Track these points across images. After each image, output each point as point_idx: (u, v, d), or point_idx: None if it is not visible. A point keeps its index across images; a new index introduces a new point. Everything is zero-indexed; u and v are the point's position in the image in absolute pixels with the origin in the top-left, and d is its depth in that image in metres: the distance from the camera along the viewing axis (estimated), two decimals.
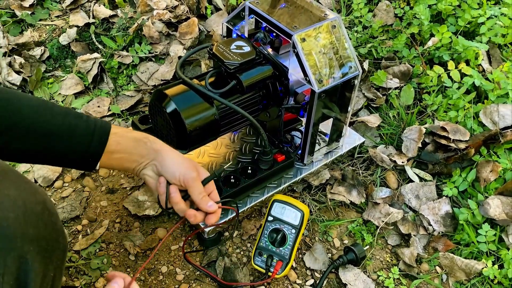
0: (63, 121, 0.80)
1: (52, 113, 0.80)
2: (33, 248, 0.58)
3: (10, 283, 0.55)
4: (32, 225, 0.59)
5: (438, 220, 1.17)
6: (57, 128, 0.79)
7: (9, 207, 0.57)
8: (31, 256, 0.57)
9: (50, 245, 0.62)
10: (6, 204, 0.57)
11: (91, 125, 0.83)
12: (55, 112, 0.81)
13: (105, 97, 1.46)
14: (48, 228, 0.62)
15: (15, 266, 0.56)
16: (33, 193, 0.62)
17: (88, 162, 0.84)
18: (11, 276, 0.55)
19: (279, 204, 1.06)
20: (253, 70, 1.07)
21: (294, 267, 1.09)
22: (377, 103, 1.44)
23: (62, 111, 0.82)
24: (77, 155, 0.82)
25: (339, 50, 1.08)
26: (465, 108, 1.35)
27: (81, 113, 0.85)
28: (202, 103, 1.03)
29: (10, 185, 0.60)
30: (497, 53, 1.51)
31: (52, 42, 1.59)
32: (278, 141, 1.23)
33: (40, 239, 0.60)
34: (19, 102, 0.78)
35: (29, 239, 0.58)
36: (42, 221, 0.61)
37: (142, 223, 1.15)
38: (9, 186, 0.59)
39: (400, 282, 1.08)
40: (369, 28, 1.62)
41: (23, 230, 0.58)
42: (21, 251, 0.57)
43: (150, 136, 0.92)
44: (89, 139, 0.82)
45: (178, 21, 1.61)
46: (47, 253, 0.61)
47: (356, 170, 1.27)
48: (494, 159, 1.22)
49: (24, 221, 0.58)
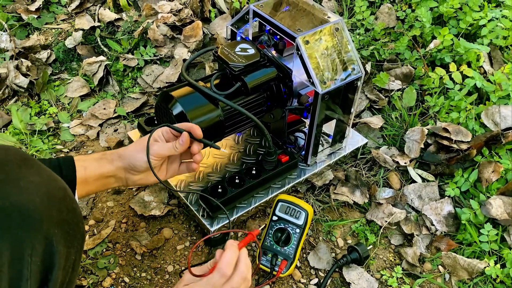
0: None
1: None
2: (57, 231, 0.61)
3: (37, 263, 0.58)
4: (56, 209, 0.62)
5: (441, 220, 1.18)
6: None
7: (34, 192, 0.60)
8: (56, 238, 0.60)
9: (72, 229, 0.65)
10: (31, 190, 0.60)
11: (55, 161, 0.87)
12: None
13: (111, 100, 1.48)
14: (70, 213, 0.65)
15: (42, 248, 0.59)
16: (54, 180, 0.66)
17: None
18: (39, 257, 0.58)
19: (283, 204, 1.08)
20: (257, 72, 1.09)
21: (299, 267, 1.10)
22: (380, 105, 1.45)
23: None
24: None
25: (342, 52, 1.10)
26: (466, 110, 1.37)
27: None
28: (208, 105, 1.04)
29: (33, 173, 0.63)
30: (498, 55, 1.52)
31: (58, 45, 1.62)
32: (282, 142, 1.25)
33: (63, 223, 0.63)
34: None
35: (54, 222, 0.61)
36: (65, 206, 0.64)
37: (148, 223, 1.17)
38: (33, 173, 0.62)
39: (403, 281, 1.09)
40: (371, 31, 1.64)
41: (48, 213, 0.60)
42: (47, 233, 0.59)
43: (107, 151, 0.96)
44: (58, 171, 0.85)
45: (182, 24, 1.63)
46: (69, 236, 0.64)
47: (359, 170, 1.29)
48: (495, 160, 1.23)
49: (48, 205, 0.61)
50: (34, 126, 1.39)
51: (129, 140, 1.30)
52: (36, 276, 0.58)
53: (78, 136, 1.40)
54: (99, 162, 0.92)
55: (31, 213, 0.58)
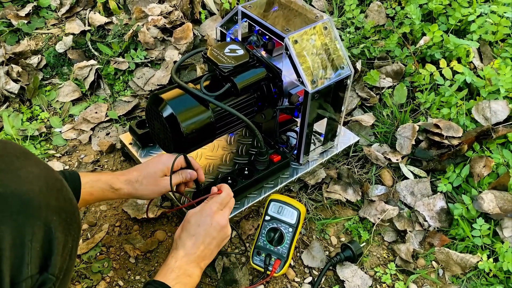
0: None
1: None
2: (55, 218, 0.64)
3: (37, 249, 0.61)
4: (54, 198, 0.65)
5: (433, 216, 1.19)
6: None
7: (33, 182, 0.63)
8: (54, 225, 0.63)
9: (69, 218, 0.67)
10: (31, 179, 0.63)
11: (60, 173, 0.91)
12: None
13: (102, 103, 1.48)
14: (67, 202, 0.68)
15: (41, 234, 0.61)
16: (52, 171, 0.69)
17: None
18: (38, 243, 0.61)
19: (276, 204, 1.08)
20: (247, 72, 1.09)
21: (292, 266, 1.10)
22: (371, 102, 1.46)
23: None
24: None
25: (331, 51, 1.10)
26: (457, 105, 1.37)
27: None
28: (198, 106, 1.04)
29: (32, 164, 0.66)
30: (488, 50, 1.53)
31: (48, 50, 1.61)
32: (273, 142, 1.25)
33: (61, 211, 0.65)
34: None
35: (52, 210, 0.64)
36: (62, 196, 0.67)
37: (141, 226, 1.17)
38: (31, 164, 0.66)
39: (397, 277, 1.10)
40: (361, 29, 1.64)
41: (47, 201, 0.63)
42: (46, 220, 0.62)
43: (117, 176, 0.99)
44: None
45: (172, 27, 1.63)
46: (66, 224, 0.66)
47: (352, 168, 1.29)
48: (487, 155, 1.24)
49: (47, 194, 0.64)
50: (26, 131, 1.39)
51: (121, 143, 1.30)
52: (36, 261, 0.61)
53: (70, 141, 1.39)
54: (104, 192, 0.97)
55: (30, 200, 0.61)
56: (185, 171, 1.03)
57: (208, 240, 0.89)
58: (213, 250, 0.90)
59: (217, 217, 0.90)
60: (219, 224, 0.90)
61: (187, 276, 0.85)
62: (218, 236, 0.90)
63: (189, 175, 1.03)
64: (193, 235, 0.88)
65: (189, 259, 0.87)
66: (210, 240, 0.89)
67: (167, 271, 0.84)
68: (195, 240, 0.88)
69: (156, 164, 1.00)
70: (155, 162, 1.01)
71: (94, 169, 1.30)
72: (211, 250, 0.90)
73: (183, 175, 1.02)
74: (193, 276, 0.86)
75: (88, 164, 1.32)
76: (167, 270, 0.84)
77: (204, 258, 0.89)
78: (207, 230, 0.89)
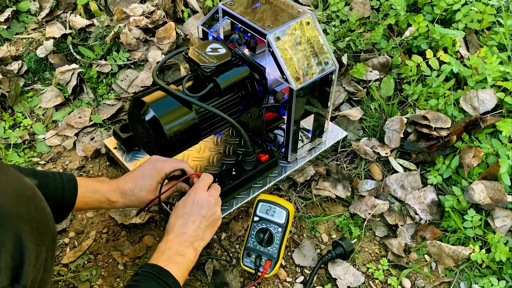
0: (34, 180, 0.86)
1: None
2: (26, 227, 0.61)
3: (7, 259, 0.58)
4: (24, 207, 0.63)
5: (424, 209, 1.18)
6: None
7: (2, 191, 0.61)
8: (25, 235, 0.61)
9: (41, 227, 0.65)
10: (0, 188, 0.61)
11: (59, 179, 0.90)
12: (24, 173, 0.85)
13: (86, 108, 1.45)
14: (39, 211, 0.66)
15: (11, 244, 0.59)
16: (22, 179, 0.67)
17: (61, 214, 0.92)
18: (8, 254, 0.58)
19: (264, 204, 1.07)
20: (229, 72, 1.07)
21: (284, 265, 1.09)
22: (358, 96, 1.44)
23: (29, 171, 0.89)
24: (52, 209, 0.88)
25: (315, 46, 1.08)
26: (445, 96, 1.36)
27: (45, 171, 0.93)
28: (181, 108, 1.02)
29: (1, 173, 0.64)
30: (474, 39, 1.52)
31: (29, 55, 1.58)
32: (261, 140, 1.23)
33: (32, 220, 0.63)
34: None
35: (22, 219, 0.62)
36: (33, 204, 0.65)
37: (129, 232, 1.15)
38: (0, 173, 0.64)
39: (390, 273, 1.09)
40: (346, 22, 1.63)
41: (17, 211, 0.61)
42: (17, 229, 0.60)
43: (113, 187, 0.97)
44: (61, 193, 0.90)
45: (155, 27, 1.60)
46: (38, 234, 0.64)
47: (341, 164, 1.28)
48: (476, 145, 1.23)
49: (16, 203, 0.62)
50: (9, 139, 1.36)
51: (105, 148, 1.28)
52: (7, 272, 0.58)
53: (54, 147, 1.37)
54: (100, 204, 0.96)
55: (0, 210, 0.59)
56: (180, 184, 1.01)
57: (197, 219, 0.89)
58: (204, 230, 0.90)
59: (204, 197, 0.91)
60: (205, 201, 0.90)
61: (179, 255, 0.84)
62: (207, 215, 0.90)
63: (183, 188, 1.02)
64: (181, 216, 0.89)
65: (180, 240, 0.86)
66: (199, 219, 0.89)
67: (158, 254, 0.84)
68: (183, 220, 0.88)
69: (150, 174, 0.97)
70: (150, 171, 0.97)
71: (79, 175, 1.28)
72: (203, 230, 0.89)
73: (178, 187, 1.01)
74: (186, 255, 0.86)
75: (73, 170, 1.29)
76: (158, 253, 0.84)
77: (196, 238, 0.88)
78: (194, 209, 0.89)
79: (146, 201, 0.97)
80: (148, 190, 0.96)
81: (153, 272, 0.80)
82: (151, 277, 0.79)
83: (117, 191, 0.95)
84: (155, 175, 0.96)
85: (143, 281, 0.79)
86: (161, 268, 0.81)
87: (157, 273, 0.80)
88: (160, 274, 0.80)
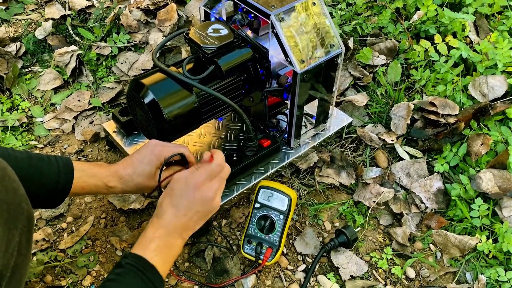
0: (29, 164, 0.84)
1: (16, 159, 0.82)
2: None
3: None
4: None
5: (430, 197, 1.15)
6: (25, 173, 0.79)
7: None
8: None
9: (13, 209, 0.62)
10: None
11: (54, 164, 0.87)
12: (19, 158, 0.83)
13: (85, 91, 1.42)
14: (10, 193, 0.63)
15: None
16: None
17: (56, 199, 0.89)
18: None
19: (265, 191, 1.04)
20: (231, 53, 1.03)
21: (285, 253, 1.07)
22: (364, 82, 1.41)
23: (24, 155, 0.85)
24: (47, 193, 0.87)
25: (320, 28, 1.04)
26: (453, 82, 1.32)
27: (41, 154, 0.89)
28: (181, 91, 0.99)
29: None
30: (485, 23, 1.47)
31: (27, 36, 1.55)
32: (263, 126, 1.20)
33: (2, 203, 0.60)
34: None
35: None
36: (3, 186, 0.62)
37: (128, 218, 1.13)
38: None
39: (394, 262, 1.06)
40: (353, 5, 1.58)
41: None
42: None
43: (111, 171, 0.94)
44: (56, 178, 0.86)
45: (156, 8, 1.56)
46: (10, 217, 0.61)
47: (345, 151, 1.25)
48: (484, 132, 1.20)
49: None
50: (6, 122, 1.33)
51: (104, 132, 1.25)
52: None
53: (52, 131, 1.34)
54: (98, 189, 0.93)
55: None
56: (179, 169, 0.96)
57: (191, 213, 0.83)
58: (196, 221, 0.84)
59: (203, 190, 0.83)
60: (203, 197, 0.83)
61: (166, 247, 0.80)
62: (201, 210, 0.84)
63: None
64: (175, 205, 0.82)
65: (169, 230, 0.81)
66: (192, 213, 0.83)
67: (146, 242, 0.79)
68: (176, 211, 0.82)
69: (149, 159, 0.93)
70: (149, 156, 0.94)
71: (78, 159, 1.26)
72: (194, 222, 0.84)
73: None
74: (173, 248, 0.81)
75: (72, 154, 1.27)
76: (146, 241, 0.79)
77: (186, 229, 0.83)
78: (190, 202, 0.82)
79: (144, 187, 0.94)
80: (147, 176, 0.93)
81: (138, 266, 0.75)
82: (135, 271, 0.74)
83: (115, 176, 0.92)
84: (154, 160, 0.93)
85: (126, 275, 0.73)
86: (147, 261, 0.75)
87: (142, 267, 0.75)
88: (145, 269, 0.75)
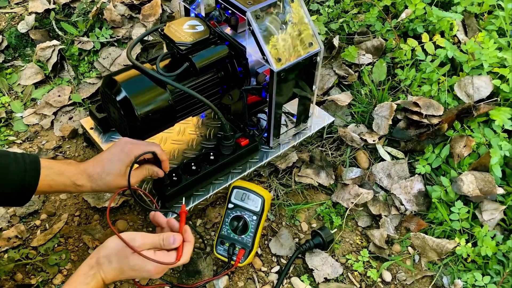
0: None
1: None
2: None
3: None
4: None
5: (411, 199, 1.13)
6: None
7: None
8: None
9: None
10: None
11: (20, 161, 0.86)
12: None
13: (66, 86, 1.40)
14: None
15: None
16: None
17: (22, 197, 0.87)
18: None
19: (239, 191, 1.02)
20: (206, 50, 1.02)
21: (260, 254, 1.05)
22: (349, 81, 1.38)
23: None
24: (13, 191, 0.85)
25: (299, 26, 1.02)
26: (439, 82, 1.30)
27: (7, 151, 0.88)
28: (154, 88, 0.97)
29: None
30: (473, 23, 1.44)
31: (10, 30, 1.53)
32: (243, 124, 1.18)
33: None
34: None
35: None
36: None
37: (102, 216, 1.11)
38: None
39: (370, 265, 1.04)
40: (341, 2, 1.56)
41: None
42: None
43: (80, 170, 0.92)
44: (22, 176, 0.85)
45: (141, 3, 1.54)
46: None
47: (325, 151, 1.23)
48: (467, 134, 1.18)
49: None
50: None
51: (82, 128, 1.23)
52: None
53: (31, 126, 1.32)
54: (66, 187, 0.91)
55: None
56: (151, 168, 0.96)
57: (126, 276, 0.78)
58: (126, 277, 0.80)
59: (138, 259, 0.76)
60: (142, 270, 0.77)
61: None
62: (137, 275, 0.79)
63: (155, 173, 0.96)
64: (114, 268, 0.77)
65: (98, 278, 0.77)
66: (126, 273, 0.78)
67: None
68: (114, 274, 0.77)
69: (119, 157, 0.91)
70: (118, 154, 0.91)
71: (55, 156, 1.24)
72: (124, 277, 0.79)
73: (149, 172, 0.96)
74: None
75: (50, 150, 1.25)
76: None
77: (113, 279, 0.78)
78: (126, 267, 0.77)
79: (114, 186, 0.92)
80: (117, 174, 0.91)
81: None
82: None
83: (83, 175, 0.90)
84: (124, 159, 0.91)
85: None
86: None
87: None
88: None
